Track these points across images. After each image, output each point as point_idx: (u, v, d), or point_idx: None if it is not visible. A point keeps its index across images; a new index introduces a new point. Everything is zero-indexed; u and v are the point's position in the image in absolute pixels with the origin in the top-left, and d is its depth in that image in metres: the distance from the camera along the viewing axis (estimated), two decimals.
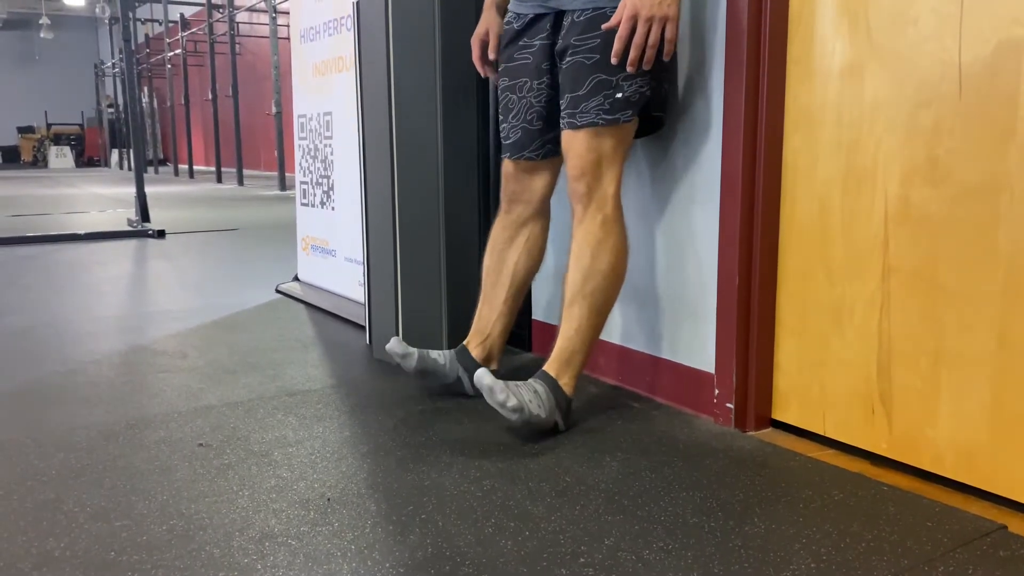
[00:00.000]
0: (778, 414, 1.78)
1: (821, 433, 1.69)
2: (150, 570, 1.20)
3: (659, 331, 1.96)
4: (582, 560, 1.22)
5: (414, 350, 1.90)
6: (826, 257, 1.64)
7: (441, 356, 1.95)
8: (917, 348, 1.50)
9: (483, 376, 1.63)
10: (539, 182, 1.90)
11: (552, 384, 1.71)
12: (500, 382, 1.63)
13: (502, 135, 1.90)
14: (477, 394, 1.92)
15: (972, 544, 1.26)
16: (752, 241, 1.73)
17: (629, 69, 1.64)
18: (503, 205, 1.94)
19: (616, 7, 1.65)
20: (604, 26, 1.63)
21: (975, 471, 1.43)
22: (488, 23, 1.94)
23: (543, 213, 1.95)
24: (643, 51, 1.62)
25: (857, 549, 1.25)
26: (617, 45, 1.62)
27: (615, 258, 1.73)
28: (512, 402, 1.61)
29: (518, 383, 1.68)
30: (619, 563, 1.21)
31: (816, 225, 1.65)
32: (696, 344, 1.86)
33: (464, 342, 1.99)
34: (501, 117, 1.90)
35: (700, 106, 1.79)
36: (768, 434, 1.76)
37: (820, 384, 1.68)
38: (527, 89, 1.81)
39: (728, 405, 1.78)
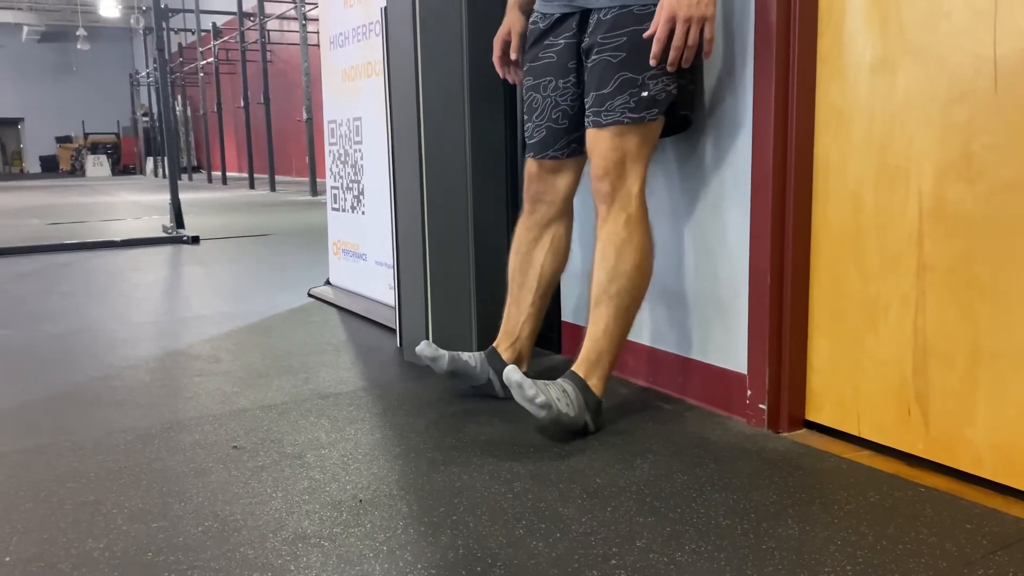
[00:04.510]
0: (812, 415, 1.76)
1: (856, 434, 1.67)
2: (186, 571, 1.22)
3: (690, 332, 1.95)
4: (613, 562, 1.22)
5: (444, 352, 1.91)
6: (859, 255, 1.62)
7: (472, 358, 1.95)
8: (954, 347, 1.47)
9: (512, 373, 1.63)
10: (562, 182, 1.90)
11: (581, 384, 1.71)
12: (528, 379, 1.63)
13: (526, 134, 1.90)
14: (507, 396, 1.93)
15: (1013, 547, 1.24)
16: (784, 240, 1.71)
17: (669, 69, 1.64)
18: (526, 206, 1.94)
19: (643, 4, 1.64)
20: (645, 35, 1.63)
21: (1015, 472, 1.41)
22: (511, 24, 1.95)
23: (567, 213, 1.94)
24: (682, 52, 1.61)
25: (894, 552, 1.23)
26: (656, 47, 1.61)
27: (640, 257, 1.72)
28: (540, 398, 1.61)
29: (547, 382, 1.68)
30: (651, 565, 1.21)
31: (849, 223, 1.63)
32: (727, 344, 1.85)
33: (494, 344, 1.99)
34: (526, 116, 1.90)
35: (729, 104, 1.78)
36: (801, 435, 1.74)
37: (854, 384, 1.66)
38: (552, 88, 1.81)
39: (761, 406, 1.76)
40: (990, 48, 1.37)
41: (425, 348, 1.91)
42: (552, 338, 2.40)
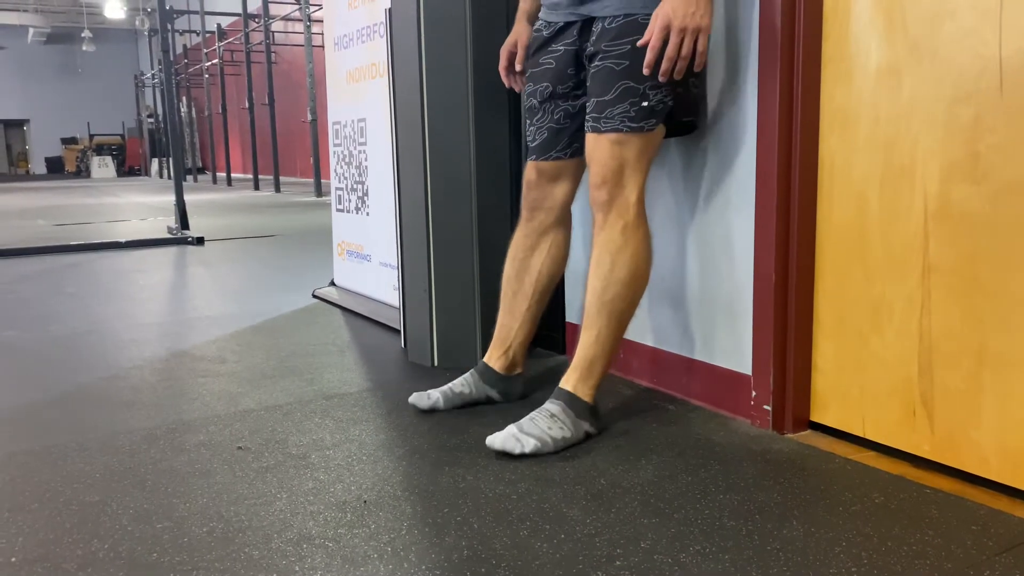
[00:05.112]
0: (816, 416, 1.76)
1: (860, 435, 1.67)
2: (191, 571, 1.22)
3: (694, 333, 1.95)
4: (618, 563, 1.22)
5: (437, 395, 1.91)
6: (864, 256, 1.62)
7: (465, 385, 1.94)
8: (959, 348, 1.47)
9: (493, 441, 1.64)
10: (560, 190, 1.89)
11: (568, 398, 1.71)
12: (508, 434, 1.64)
13: (528, 138, 1.90)
14: (509, 400, 1.94)
15: (1018, 548, 1.24)
16: (789, 241, 1.71)
17: (661, 79, 1.63)
18: (524, 213, 1.93)
19: (648, 14, 1.64)
20: (639, 43, 1.62)
21: (1021, 473, 1.40)
22: (518, 34, 1.95)
23: (565, 221, 1.93)
24: (675, 62, 1.61)
25: (899, 553, 1.23)
26: (649, 56, 1.61)
27: (636, 265, 1.71)
28: (530, 446, 1.62)
29: (532, 415, 1.69)
30: (655, 566, 1.21)
31: (854, 224, 1.63)
32: (732, 345, 1.85)
33: (484, 358, 1.98)
34: (528, 121, 1.90)
35: (734, 107, 1.78)
36: (806, 436, 1.74)
37: (859, 385, 1.66)
38: (551, 92, 1.81)
39: (765, 407, 1.76)
40: (995, 48, 1.37)
41: (417, 399, 1.92)
42: (556, 339, 2.40)
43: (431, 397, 1.92)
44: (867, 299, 1.62)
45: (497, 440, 1.64)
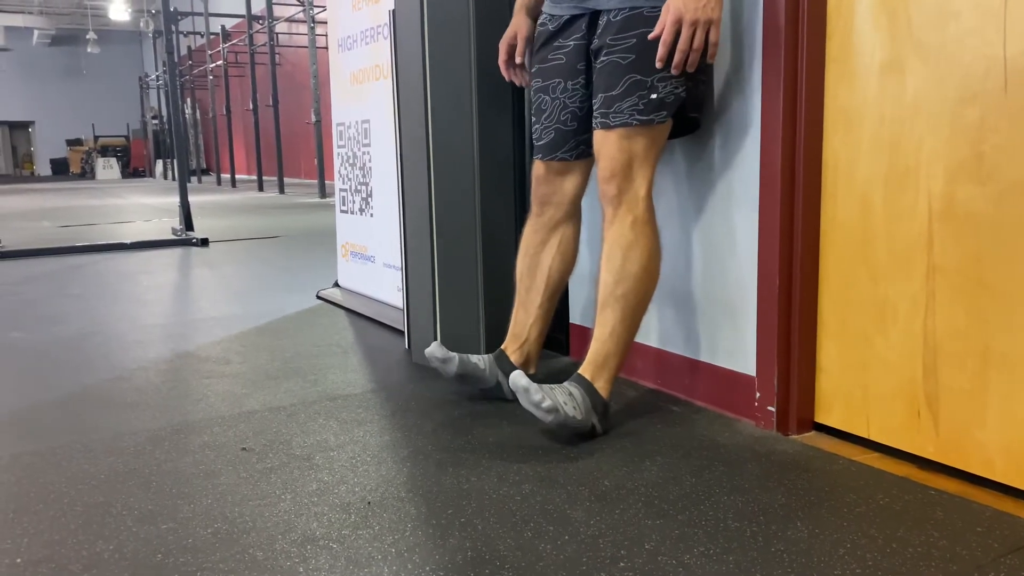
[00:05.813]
0: (821, 417, 1.76)
1: (865, 436, 1.66)
2: (195, 572, 1.22)
3: (698, 334, 1.95)
4: (622, 564, 1.22)
5: (454, 355, 1.91)
6: (868, 256, 1.61)
7: (481, 361, 1.95)
8: (964, 348, 1.46)
9: (518, 378, 1.64)
10: (570, 184, 1.90)
11: (587, 387, 1.71)
12: (535, 383, 1.64)
13: (534, 136, 1.90)
14: (516, 398, 1.93)
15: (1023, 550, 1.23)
16: (792, 241, 1.70)
17: (673, 72, 1.64)
18: (534, 208, 1.94)
19: (654, 6, 1.64)
20: (650, 36, 1.63)
21: None
22: (517, 27, 1.95)
23: (575, 215, 1.94)
24: (687, 55, 1.61)
25: (904, 555, 1.23)
26: (661, 49, 1.61)
27: (647, 259, 1.72)
28: (547, 403, 1.61)
29: (553, 385, 1.68)
30: (659, 567, 1.21)
31: (858, 224, 1.63)
32: (736, 346, 1.84)
33: (502, 347, 1.99)
34: (534, 118, 1.90)
35: (738, 106, 1.78)
36: (811, 437, 1.73)
37: (864, 386, 1.65)
38: (561, 89, 1.81)
39: (769, 408, 1.75)
40: (1000, 48, 1.37)
41: (436, 350, 1.91)
42: (560, 340, 2.40)
43: (448, 354, 1.91)
44: (871, 300, 1.62)
45: (522, 380, 1.63)
